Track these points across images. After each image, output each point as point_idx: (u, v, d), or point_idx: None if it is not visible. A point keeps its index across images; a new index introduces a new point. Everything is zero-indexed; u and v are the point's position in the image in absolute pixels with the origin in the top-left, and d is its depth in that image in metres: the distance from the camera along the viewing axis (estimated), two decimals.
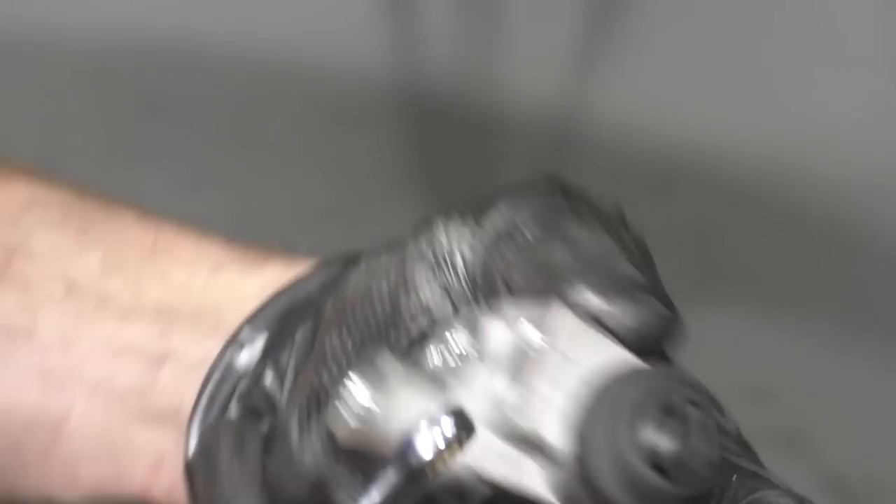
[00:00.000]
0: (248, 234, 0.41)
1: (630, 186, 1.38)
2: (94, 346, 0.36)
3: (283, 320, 0.34)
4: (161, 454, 0.36)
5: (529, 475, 0.27)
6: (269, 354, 0.34)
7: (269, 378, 0.34)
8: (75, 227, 0.38)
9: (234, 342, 0.34)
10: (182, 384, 0.35)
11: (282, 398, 0.34)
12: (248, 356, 0.34)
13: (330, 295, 0.34)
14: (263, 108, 1.68)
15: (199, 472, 0.34)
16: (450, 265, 0.32)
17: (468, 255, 0.32)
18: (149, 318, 0.36)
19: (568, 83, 1.67)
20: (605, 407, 0.26)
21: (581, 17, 1.72)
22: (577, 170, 1.46)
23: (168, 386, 0.35)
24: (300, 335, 0.35)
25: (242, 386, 0.34)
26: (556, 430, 0.26)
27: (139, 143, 1.59)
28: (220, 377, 0.34)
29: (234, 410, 0.34)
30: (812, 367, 1.28)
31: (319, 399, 0.31)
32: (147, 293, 0.36)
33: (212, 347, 0.34)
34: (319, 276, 0.36)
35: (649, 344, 0.29)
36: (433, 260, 0.32)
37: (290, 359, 0.35)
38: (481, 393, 0.27)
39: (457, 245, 0.32)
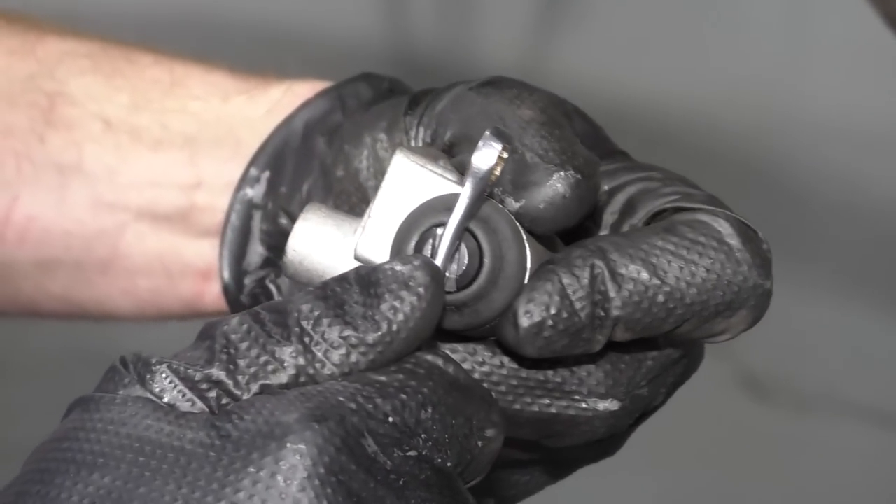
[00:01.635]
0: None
1: None
2: (135, 174, 0.37)
3: (279, 159, 0.35)
4: (208, 266, 0.37)
5: None
6: (272, 188, 0.35)
7: (283, 218, 0.35)
8: (104, 72, 0.38)
9: (245, 180, 0.35)
10: (217, 204, 0.36)
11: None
12: (258, 190, 0.35)
13: (317, 133, 0.35)
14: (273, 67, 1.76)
15: (231, 293, 0.36)
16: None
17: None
18: (177, 148, 0.37)
19: (528, 48, 1.84)
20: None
21: None
22: None
23: (205, 207, 0.36)
24: (291, 169, 0.36)
25: (263, 224, 0.36)
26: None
27: None
28: (242, 209, 0.35)
29: (258, 246, 0.36)
30: None
31: None
32: (171, 125, 0.37)
33: (233, 171, 0.36)
34: (304, 113, 0.36)
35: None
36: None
37: (287, 189, 0.36)
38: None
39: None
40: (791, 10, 1.70)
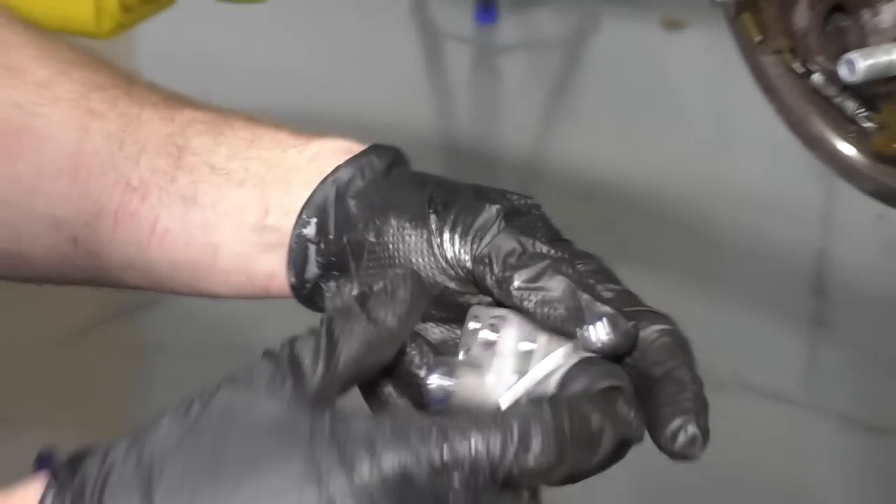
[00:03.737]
0: None
1: (570, 199, 2.00)
2: (228, 205, 0.44)
3: (323, 211, 0.42)
4: (273, 272, 0.44)
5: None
6: (321, 230, 0.42)
7: (333, 257, 0.41)
8: (213, 133, 0.45)
9: (299, 222, 0.42)
10: (281, 226, 0.42)
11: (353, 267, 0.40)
12: (311, 230, 0.42)
13: (347, 196, 0.41)
14: None
15: (296, 289, 0.43)
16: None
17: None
18: (252, 185, 0.43)
19: (538, 137, 2.36)
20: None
21: (546, 96, 2.42)
22: (541, 191, 2.03)
23: (272, 228, 0.43)
24: (333, 220, 0.41)
25: (318, 256, 0.42)
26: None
27: None
28: (300, 242, 0.42)
29: (314, 266, 0.42)
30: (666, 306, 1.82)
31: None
32: (250, 169, 0.43)
33: (291, 204, 0.42)
34: (334, 177, 0.41)
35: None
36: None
37: (334, 236, 0.41)
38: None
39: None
40: (719, 111, 2.20)
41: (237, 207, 0.43)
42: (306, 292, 0.43)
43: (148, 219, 0.45)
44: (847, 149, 0.62)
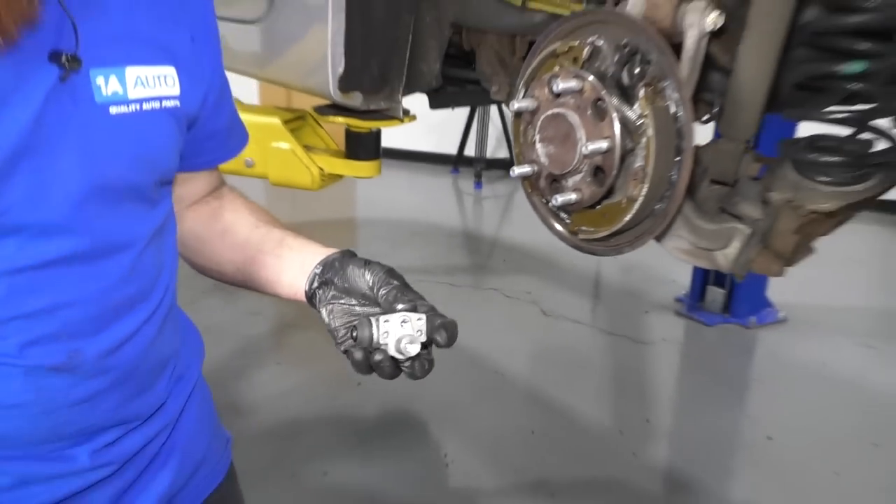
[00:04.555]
0: None
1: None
2: (293, 262, 0.94)
3: (327, 267, 0.89)
4: (297, 290, 0.92)
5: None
6: (323, 275, 0.89)
7: (331, 287, 0.88)
8: (290, 235, 0.96)
9: (311, 275, 0.91)
10: (308, 271, 0.91)
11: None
12: (317, 270, 0.90)
13: (335, 265, 0.89)
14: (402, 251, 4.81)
15: (308, 296, 0.91)
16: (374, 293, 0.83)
17: (382, 292, 0.82)
18: (297, 253, 0.94)
19: (498, 228, 5.62)
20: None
21: (500, 212, 5.83)
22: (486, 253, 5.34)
23: (304, 273, 0.92)
24: (331, 271, 0.88)
25: (320, 289, 0.89)
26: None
27: None
28: (311, 278, 0.91)
29: (316, 282, 0.90)
30: None
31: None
32: (301, 251, 0.94)
33: (311, 266, 0.91)
34: (329, 257, 0.90)
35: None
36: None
37: (332, 285, 0.87)
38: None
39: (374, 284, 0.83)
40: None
41: (299, 264, 0.93)
42: (310, 293, 0.90)
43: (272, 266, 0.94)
44: (561, 230, 1.15)
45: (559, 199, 1.09)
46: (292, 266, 0.92)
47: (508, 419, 2.95)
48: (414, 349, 0.76)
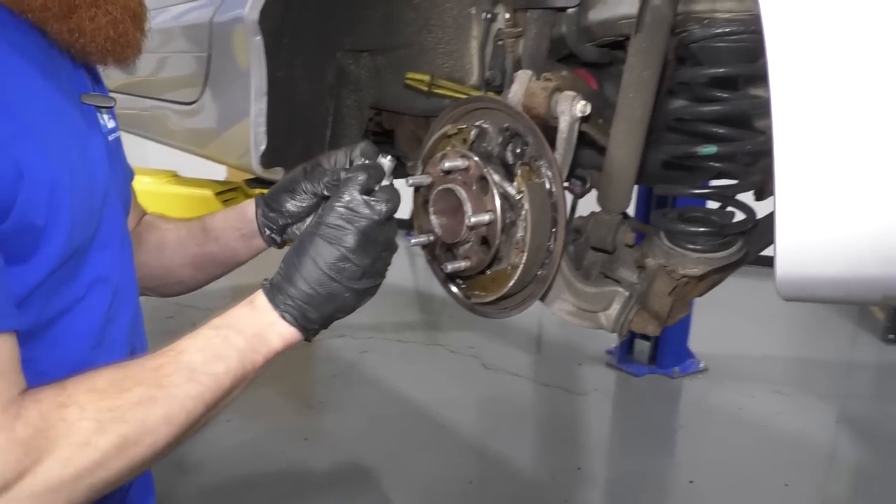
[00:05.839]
0: None
1: None
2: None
3: (263, 208, 1.15)
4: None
5: None
6: (268, 220, 1.14)
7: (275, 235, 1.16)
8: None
9: (259, 222, 1.15)
10: (254, 232, 1.15)
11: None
12: (263, 218, 1.15)
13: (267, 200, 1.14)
14: None
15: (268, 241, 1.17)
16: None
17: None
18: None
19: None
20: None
21: None
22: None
23: (249, 235, 1.15)
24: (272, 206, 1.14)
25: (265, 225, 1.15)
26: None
27: None
28: (261, 224, 1.16)
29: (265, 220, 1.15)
30: None
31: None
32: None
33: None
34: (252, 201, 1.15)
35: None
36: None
37: (278, 213, 1.14)
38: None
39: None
40: None
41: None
42: (267, 238, 1.13)
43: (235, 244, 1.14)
44: (458, 294, 1.26)
45: (450, 267, 1.16)
46: (231, 232, 1.13)
47: (449, 469, 2.99)
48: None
